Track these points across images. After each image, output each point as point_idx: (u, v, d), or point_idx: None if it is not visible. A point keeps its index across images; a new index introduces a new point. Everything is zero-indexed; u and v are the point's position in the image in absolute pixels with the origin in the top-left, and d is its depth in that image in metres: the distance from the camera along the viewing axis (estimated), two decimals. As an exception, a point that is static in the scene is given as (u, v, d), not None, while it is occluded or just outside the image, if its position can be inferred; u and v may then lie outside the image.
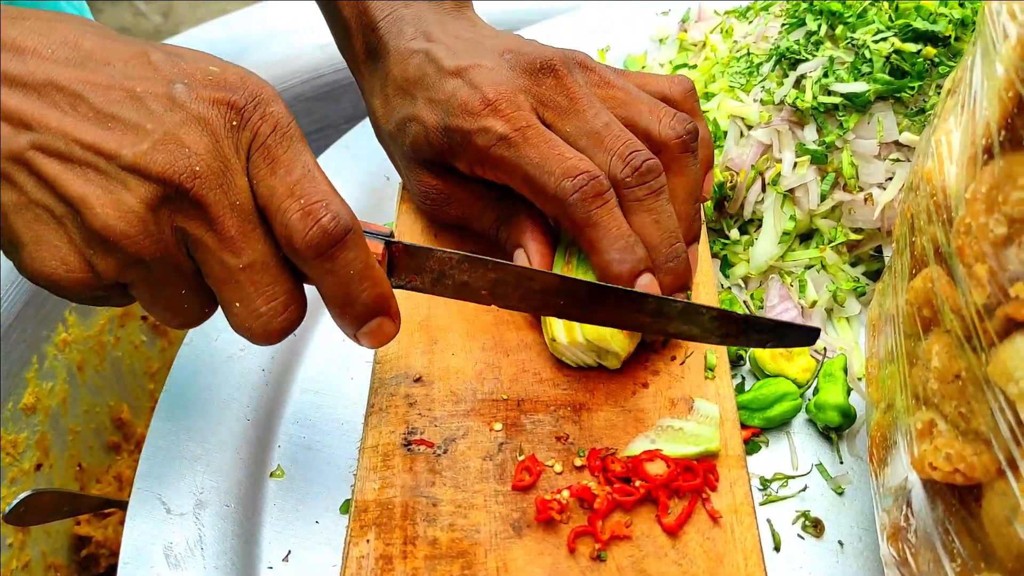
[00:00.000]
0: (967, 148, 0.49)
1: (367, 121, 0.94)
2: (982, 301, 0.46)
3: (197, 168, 0.52)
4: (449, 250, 0.61)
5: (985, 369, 0.45)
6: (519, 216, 0.70)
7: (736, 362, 0.74)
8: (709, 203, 0.80)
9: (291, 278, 0.57)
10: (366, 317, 0.58)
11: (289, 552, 0.65)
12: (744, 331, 0.62)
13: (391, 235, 0.61)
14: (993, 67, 0.47)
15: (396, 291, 0.60)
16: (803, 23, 0.82)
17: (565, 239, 0.70)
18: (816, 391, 0.70)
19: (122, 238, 0.51)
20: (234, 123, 0.54)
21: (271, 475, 0.70)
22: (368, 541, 0.59)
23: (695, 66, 0.93)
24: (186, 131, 0.52)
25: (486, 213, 0.71)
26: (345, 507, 0.67)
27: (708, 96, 0.88)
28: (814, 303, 0.75)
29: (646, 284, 0.63)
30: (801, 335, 0.63)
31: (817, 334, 0.63)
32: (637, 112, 0.67)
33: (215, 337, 0.75)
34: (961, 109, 0.52)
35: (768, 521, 0.65)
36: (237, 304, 0.55)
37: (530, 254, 0.68)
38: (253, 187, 0.55)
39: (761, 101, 0.81)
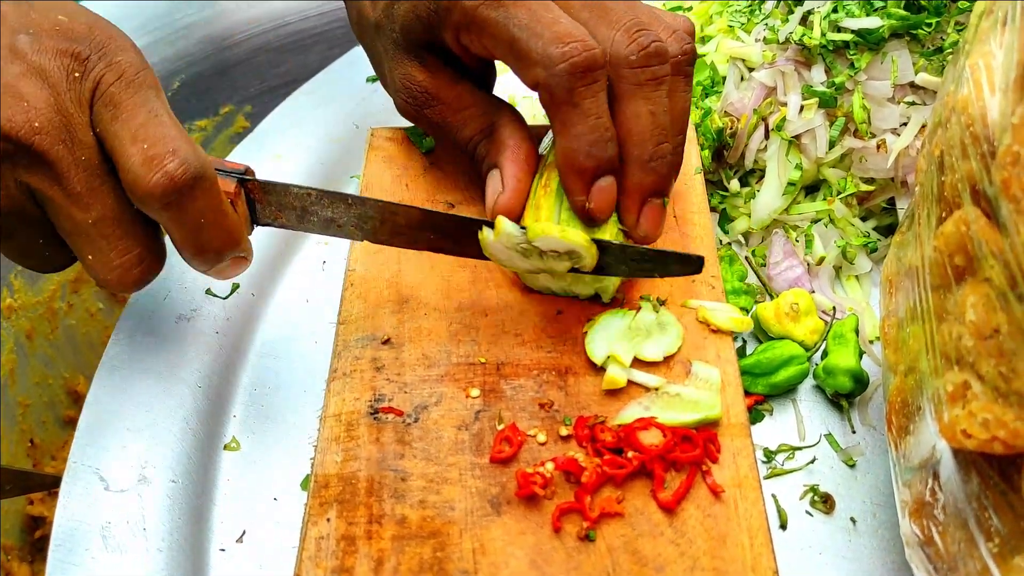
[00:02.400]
0: (1012, 68, 0.43)
1: (332, 68, 0.87)
2: (1033, 241, 0.39)
3: (36, 123, 0.51)
4: (306, 186, 0.59)
5: (1034, 320, 0.39)
6: (501, 133, 0.63)
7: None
8: (707, 152, 0.73)
9: (144, 229, 0.56)
10: (217, 260, 0.57)
11: (244, 532, 0.59)
12: (622, 261, 0.58)
13: (246, 171, 0.59)
14: (1048, -31, 0.40)
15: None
16: (810, -45, 0.75)
17: (544, 163, 0.63)
18: (825, 355, 0.64)
19: None
20: (76, 74, 0.53)
21: (225, 448, 0.63)
22: (329, 520, 0.52)
23: (691, 8, 0.86)
24: (25, 83, 0.51)
25: (468, 124, 0.65)
26: (306, 482, 0.61)
27: (706, 39, 0.81)
28: (821, 260, 0.69)
29: (605, 186, 0.58)
30: (686, 264, 0.58)
31: (702, 262, 0.58)
32: (639, 12, 0.60)
33: (163, 296, 0.68)
34: (1002, 27, 0.46)
35: (773, 496, 0.59)
36: (90, 257, 0.55)
37: (505, 177, 0.62)
38: (99, 138, 0.53)
39: (764, 40, 0.74)
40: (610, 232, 0.59)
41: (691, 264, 0.58)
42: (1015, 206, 0.40)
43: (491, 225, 0.58)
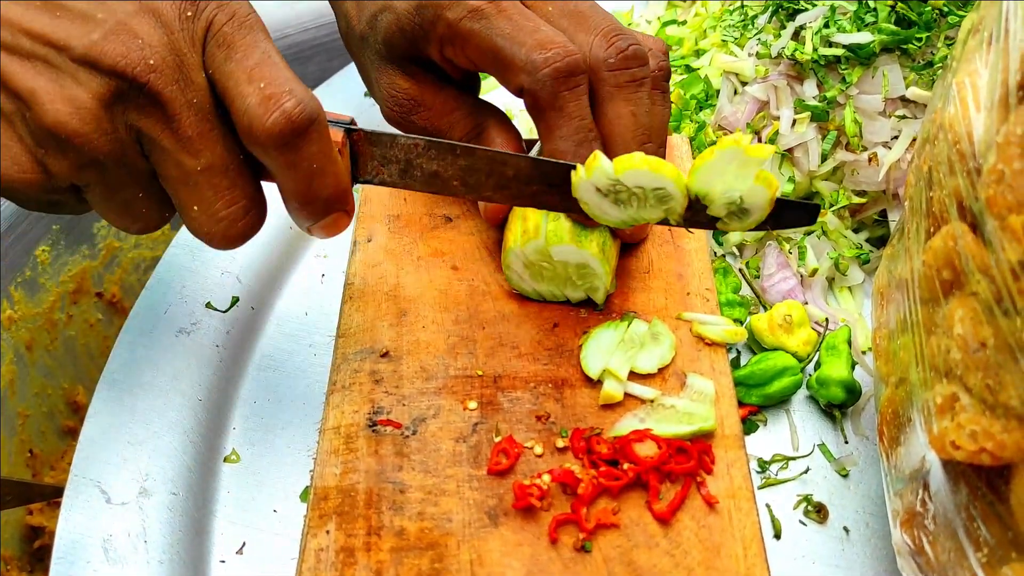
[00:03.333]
0: (997, 88, 0.44)
1: (331, 82, 0.88)
2: (1017, 257, 0.41)
3: (151, 61, 0.49)
4: (413, 136, 0.57)
5: (1019, 334, 0.40)
6: (489, 133, 0.64)
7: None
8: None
9: (251, 180, 0.54)
10: (324, 212, 0.55)
11: (244, 544, 0.60)
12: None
13: (351, 122, 0.57)
14: (1031, -9, 0.41)
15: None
16: (802, -29, 0.76)
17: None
18: (818, 366, 0.65)
19: (74, 136, 0.49)
20: (188, 14, 0.51)
21: (225, 460, 0.64)
22: (328, 532, 0.53)
23: (684, 22, 0.87)
24: (139, 22, 0.50)
25: (456, 127, 0.65)
26: (305, 494, 0.61)
27: (699, 53, 0.82)
28: (814, 271, 0.70)
29: None
30: (798, 211, 0.56)
31: (817, 211, 0.56)
32: (621, 26, 0.62)
33: (163, 310, 0.69)
34: (987, 47, 0.47)
35: (767, 506, 0.60)
36: (195, 208, 0.53)
37: None
38: (212, 80, 0.52)
39: (757, 55, 0.75)
40: (599, 233, 0.60)
41: (805, 212, 0.57)
42: (1000, 223, 0.41)
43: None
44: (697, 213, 0.57)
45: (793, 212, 0.57)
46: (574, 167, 0.56)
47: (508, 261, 0.62)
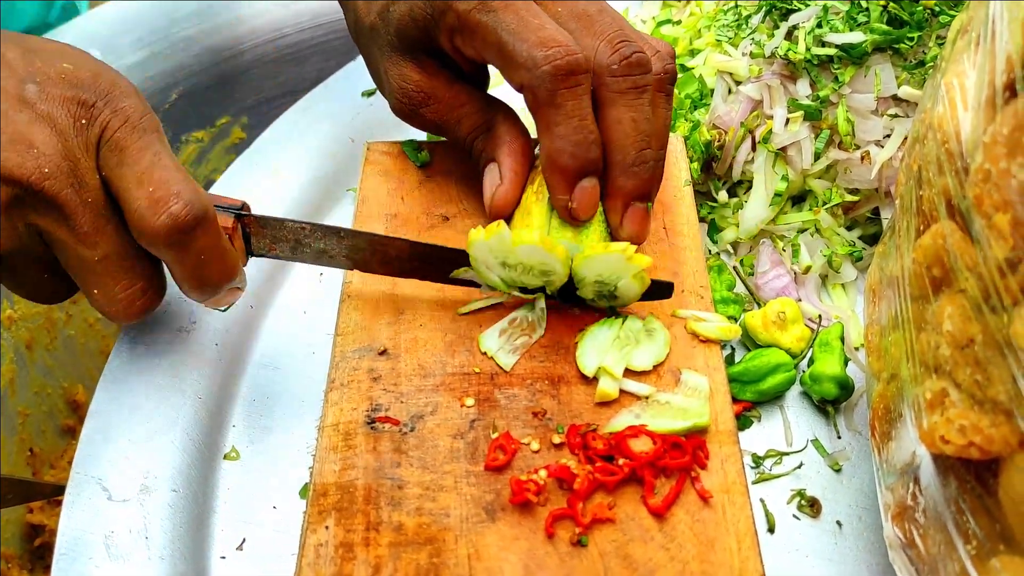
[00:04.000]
0: (984, 88, 0.45)
1: (328, 83, 0.89)
2: (1004, 255, 0.41)
3: (46, 169, 0.53)
4: (300, 220, 0.62)
5: (1006, 331, 0.41)
6: (498, 129, 0.65)
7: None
8: (695, 164, 0.75)
9: (147, 264, 0.59)
10: (215, 293, 0.60)
11: (244, 540, 0.60)
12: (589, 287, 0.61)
13: (243, 207, 0.61)
14: (1017, -6, 0.42)
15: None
16: (795, -29, 0.77)
17: (536, 171, 0.65)
18: (811, 362, 0.66)
19: None
20: (83, 120, 0.55)
21: (225, 457, 0.64)
22: (327, 527, 0.54)
23: (679, 22, 0.88)
24: (35, 131, 0.53)
25: (465, 120, 0.66)
26: (304, 491, 0.62)
27: (694, 53, 0.83)
28: (808, 269, 0.71)
29: (587, 187, 0.60)
30: (657, 291, 0.62)
31: (670, 288, 0.62)
32: (628, 31, 0.62)
33: (163, 309, 0.69)
34: (975, 47, 0.48)
35: (761, 501, 0.61)
36: (96, 291, 0.58)
37: (503, 171, 0.64)
38: (105, 181, 0.56)
39: (751, 55, 0.76)
40: (597, 233, 0.61)
41: (661, 291, 0.62)
42: (987, 221, 0.42)
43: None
44: (569, 290, 0.62)
45: (654, 290, 0.62)
46: (463, 250, 0.61)
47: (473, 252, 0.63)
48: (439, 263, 0.63)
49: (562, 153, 0.58)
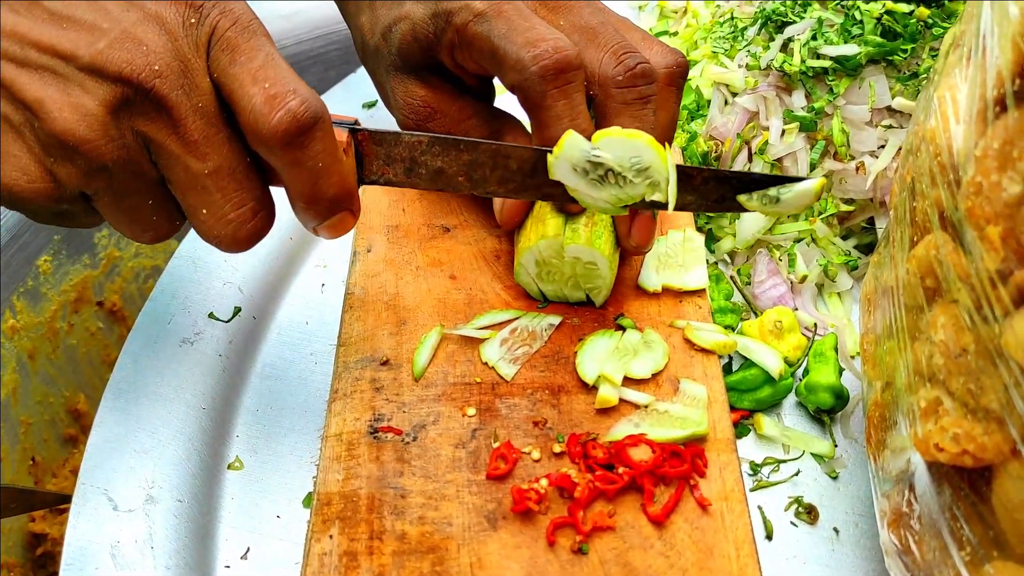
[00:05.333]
0: (975, 102, 0.46)
1: (329, 94, 0.90)
2: (995, 266, 0.42)
3: (156, 67, 0.50)
4: (417, 132, 0.58)
5: (998, 341, 0.42)
6: (505, 139, 0.65)
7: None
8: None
9: (259, 182, 0.55)
10: (330, 212, 0.56)
11: (248, 549, 0.61)
12: (739, 189, 0.57)
13: (356, 122, 0.58)
14: (1006, 10, 0.43)
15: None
16: (790, -16, 0.78)
17: None
18: (806, 372, 0.66)
19: (83, 143, 0.49)
20: (192, 20, 0.52)
21: (229, 467, 0.65)
22: (331, 536, 0.54)
23: (676, 33, 0.89)
24: (143, 30, 0.51)
25: (472, 132, 0.67)
26: (308, 500, 0.62)
27: (690, 64, 0.84)
28: (804, 278, 0.72)
29: None
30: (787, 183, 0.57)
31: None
32: (630, 36, 0.63)
33: (167, 320, 0.70)
34: (967, 62, 0.48)
35: (759, 508, 0.61)
36: (204, 211, 0.53)
37: None
38: (217, 84, 0.52)
39: (746, 67, 0.76)
40: (608, 242, 0.62)
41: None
42: (978, 233, 0.43)
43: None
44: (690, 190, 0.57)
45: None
46: (551, 150, 0.57)
47: (522, 259, 0.63)
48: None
49: None
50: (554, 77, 0.58)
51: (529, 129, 0.67)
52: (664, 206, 0.58)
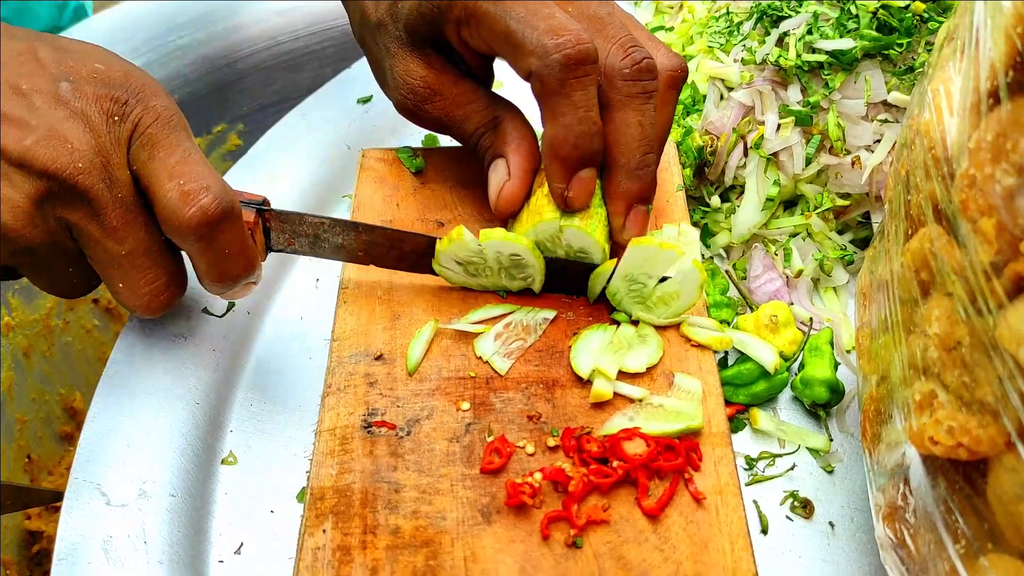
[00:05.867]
0: (969, 95, 0.46)
1: (324, 89, 0.89)
2: (989, 259, 0.42)
3: (79, 164, 0.54)
4: (319, 215, 0.63)
5: (992, 333, 0.42)
6: (506, 126, 0.65)
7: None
8: (688, 169, 0.76)
9: (171, 259, 0.61)
10: (234, 285, 0.61)
11: (241, 544, 0.61)
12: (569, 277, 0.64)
13: (263, 202, 0.63)
14: (999, 3, 0.43)
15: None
16: (786, -22, 0.77)
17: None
18: (802, 366, 0.66)
19: (9, 232, 0.54)
20: (115, 117, 0.56)
21: (222, 462, 0.65)
22: (324, 531, 0.54)
23: (672, 28, 0.89)
24: (69, 127, 0.55)
25: (472, 118, 0.66)
26: (302, 495, 0.62)
27: (686, 59, 0.83)
28: (799, 272, 0.72)
29: (585, 177, 0.61)
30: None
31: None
32: (636, 33, 0.64)
33: (161, 316, 0.70)
34: (960, 55, 0.48)
35: (754, 502, 0.61)
36: (120, 285, 0.59)
37: (511, 167, 0.64)
38: (135, 175, 0.57)
39: (742, 61, 0.76)
40: (600, 231, 0.62)
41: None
42: (972, 226, 0.43)
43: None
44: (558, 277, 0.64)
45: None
46: (439, 239, 0.63)
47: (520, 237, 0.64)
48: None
49: (565, 143, 0.59)
50: (575, 67, 0.58)
51: (526, 116, 0.67)
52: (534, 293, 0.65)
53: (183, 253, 0.62)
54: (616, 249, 0.64)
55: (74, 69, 0.57)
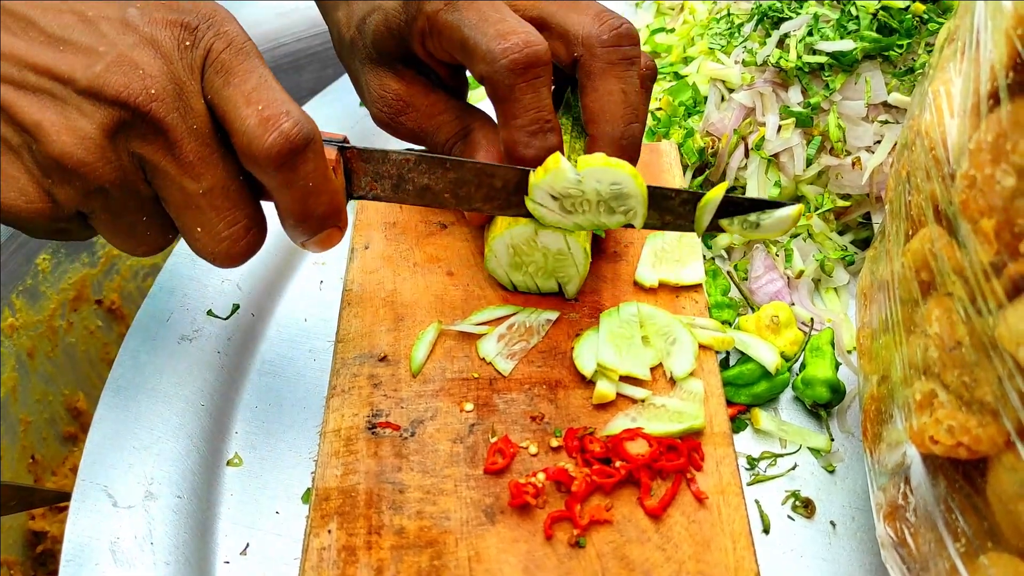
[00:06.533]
0: (969, 96, 0.46)
1: (328, 91, 0.90)
2: (989, 259, 0.42)
3: (152, 91, 0.51)
4: (404, 151, 0.59)
5: (992, 333, 0.42)
6: (475, 136, 0.66)
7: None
8: (690, 170, 0.76)
9: (251, 200, 0.56)
10: (319, 228, 0.57)
11: (247, 545, 0.61)
12: (720, 213, 0.59)
13: (345, 140, 0.59)
14: (999, 5, 0.43)
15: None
16: (786, -20, 0.78)
17: None
18: (803, 367, 0.67)
19: (80, 165, 0.50)
20: (187, 43, 0.52)
21: (228, 463, 0.65)
22: (330, 531, 0.54)
23: (673, 30, 0.89)
24: (139, 53, 0.51)
25: (443, 128, 0.67)
26: (307, 496, 0.63)
27: (687, 60, 0.84)
28: (801, 273, 0.72)
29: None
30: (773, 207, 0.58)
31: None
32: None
33: (166, 318, 0.70)
34: (961, 56, 0.49)
35: (756, 502, 0.62)
36: (199, 229, 0.55)
37: None
38: (210, 105, 0.53)
39: (743, 63, 0.77)
40: (579, 236, 0.62)
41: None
42: (972, 226, 0.43)
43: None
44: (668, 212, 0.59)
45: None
46: (532, 171, 0.58)
47: (493, 245, 0.64)
48: None
49: (519, 144, 0.60)
50: (523, 71, 0.58)
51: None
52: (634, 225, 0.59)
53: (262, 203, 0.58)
54: (599, 247, 0.64)
55: None
